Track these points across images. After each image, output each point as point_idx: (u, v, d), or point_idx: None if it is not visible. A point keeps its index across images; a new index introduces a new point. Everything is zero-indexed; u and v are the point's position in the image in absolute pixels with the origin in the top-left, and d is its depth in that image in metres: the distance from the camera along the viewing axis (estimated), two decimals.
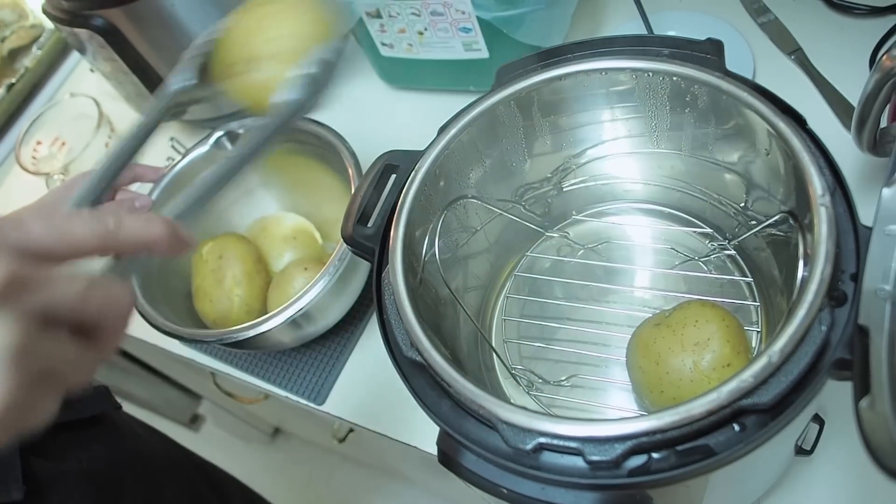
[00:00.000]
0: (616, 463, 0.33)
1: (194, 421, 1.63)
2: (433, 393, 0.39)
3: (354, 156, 0.65)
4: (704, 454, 0.33)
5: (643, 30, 0.69)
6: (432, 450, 0.38)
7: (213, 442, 1.58)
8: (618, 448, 0.33)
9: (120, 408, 0.65)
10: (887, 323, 0.32)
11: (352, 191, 0.62)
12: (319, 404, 0.66)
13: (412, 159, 0.48)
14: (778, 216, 0.45)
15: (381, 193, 0.48)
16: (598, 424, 0.33)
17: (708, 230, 0.56)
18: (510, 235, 0.58)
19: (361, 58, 0.82)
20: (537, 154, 0.54)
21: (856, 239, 0.37)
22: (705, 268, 0.54)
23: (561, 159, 0.55)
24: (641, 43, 0.47)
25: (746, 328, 0.48)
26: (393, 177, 0.49)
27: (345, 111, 0.84)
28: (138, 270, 0.28)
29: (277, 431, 1.55)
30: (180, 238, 0.31)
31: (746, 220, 0.51)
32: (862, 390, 0.31)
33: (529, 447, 0.34)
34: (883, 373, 0.30)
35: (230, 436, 1.57)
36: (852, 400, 0.31)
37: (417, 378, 0.40)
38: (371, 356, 0.67)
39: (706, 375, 0.43)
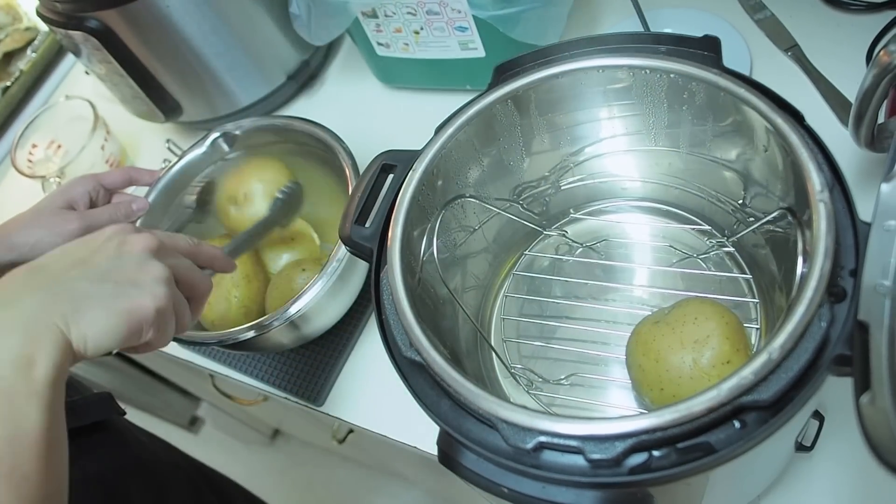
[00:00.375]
0: (617, 461, 0.33)
1: (193, 423, 1.62)
2: (433, 393, 0.39)
3: (351, 156, 0.64)
4: (705, 451, 0.33)
5: (639, 27, 0.68)
6: (432, 450, 0.38)
7: (213, 444, 1.58)
8: (618, 446, 0.33)
9: (124, 414, 0.65)
10: (887, 318, 0.32)
11: (349, 191, 0.62)
12: (319, 405, 0.66)
13: (409, 159, 0.48)
14: (776, 212, 0.45)
15: (379, 194, 0.48)
16: (599, 423, 0.33)
17: (706, 227, 0.56)
18: (508, 234, 0.58)
19: (357, 57, 0.82)
20: (535, 152, 0.54)
21: (855, 235, 0.37)
22: (704, 265, 0.54)
23: (559, 157, 0.55)
24: (638, 40, 0.47)
25: (746, 325, 0.48)
26: (390, 177, 0.49)
27: (341, 111, 0.84)
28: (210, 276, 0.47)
29: (277, 433, 1.55)
30: (228, 261, 0.50)
31: (745, 217, 0.51)
32: (862, 386, 0.31)
33: (530, 446, 0.34)
34: (883, 368, 0.30)
35: (229, 438, 1.57)
36: (853, 396, 0.31)
37: (417, 378, 0.40)
38: (370, 356, 0.67)
39: (706, 373, 0.43)
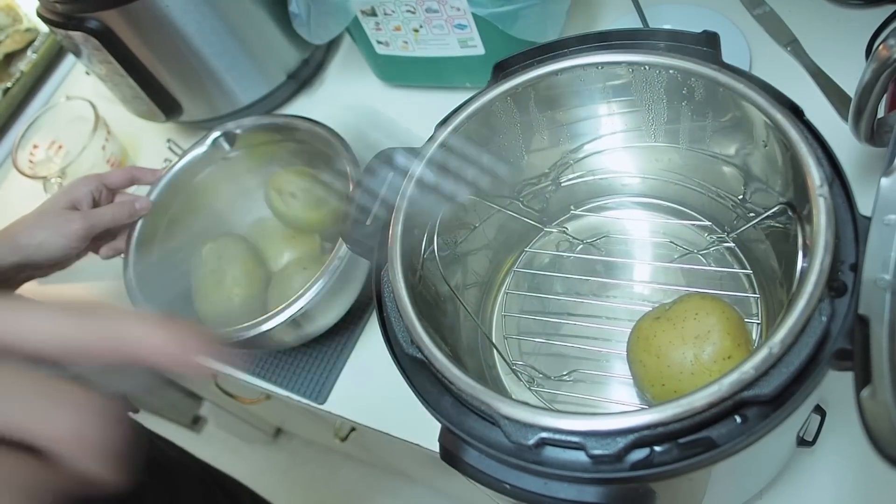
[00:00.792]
0: (618, 457, 0.33)
1: (196, 422, 1.63)
2: (434, 390, 0.39)
3: (352, 154, 0.65)
4: (706, 446, 0.33)
5: (638, 24, 0.68)
6: (434, 447, 0.39)
7: (215, 443, 1.58)
8: (620, 442, 0.33)
9: (138, 411, 0.65)
10: (887, 312, 0.32)
11: (350, 189, 0.62)
12: (321, 403, 0.66)
13: (410, 157, 0.48)
14: (776, 207, 0.45)
15: (380, 192, 0.48)
16: (600, 418, 0.33)
17: (706, 223, 0.56)
18: (509, 231, 0.58)
19: (357, 56, 0.82)
20: (535, 150, 0.54)
21: (855, 229, 0.37)
22: (704, 261, 0.54)
23: (559, 154, 0.55)
24: (637, 37, 0.47)
25: (746, 320, 0.48)
26: (391, 175, 0.49)
27: (342, 110, 0.84)
28: (131, 384, 0.24)
29: (279, 432, 1.55)
30: (191, 354, 0.24)
31: (745, 213, 0.51)
32: (863, 380, 0.31)
33: (531, 442, 0.34)
34: (884, 362, 0.30)
35: (232, 437, 1.57)
36: (853, 390, 0.31)
37: (418, 375, 0.40)
38: (372, 354, 0.67)
39: (707, 368, 0.44)
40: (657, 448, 0.33)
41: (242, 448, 1.57)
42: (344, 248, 0.59)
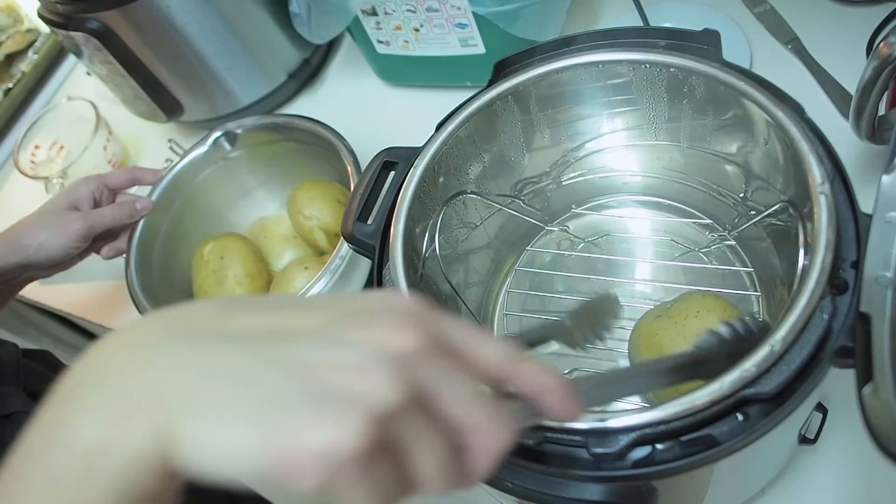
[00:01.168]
0: (620, 455, 0.33)
1: None
2: None
3: (353, 153, 0.65)
4: (708, 444, 0.33)
5: (639, 22, 0.68)
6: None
7: None
8: (622, 440, 0.33)
9: None
10: (889, 310, 0.32)
11: (351, 189, 0.62)
12: None
13: (410, 156, 0.48)
14: (777, 205, 0.45)
15: (381, 191, 0.48)
16: (602, 417, 0.34)
17: (707, 221, 0.56)
18: (510, 230, 0.58)
19: (358, 55, 0.82)
20: (536, 148, 0.54)
21: (856, 227, 0.37)
22: (705, 259, 0.54)
23: (560, 153, 0.55)
24: (638, 35, 0.47)
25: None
26: (392, 174, 0.49)
27: (342, 109, 0.84)
28: (520, 424, 0.26)
29: None
30: (571, 401, 0.26)
31: (746, 211, 0.51)
32: (865, 377, 0.31)
33: (533, 441, 0.34)
34: (885, 360, 0.30)
35: None
36: (855, 387, 0.31)
37: None
38: None
39: None
40: (659, 446, 0.33)
41: None
42: (345, 248, 0.59)
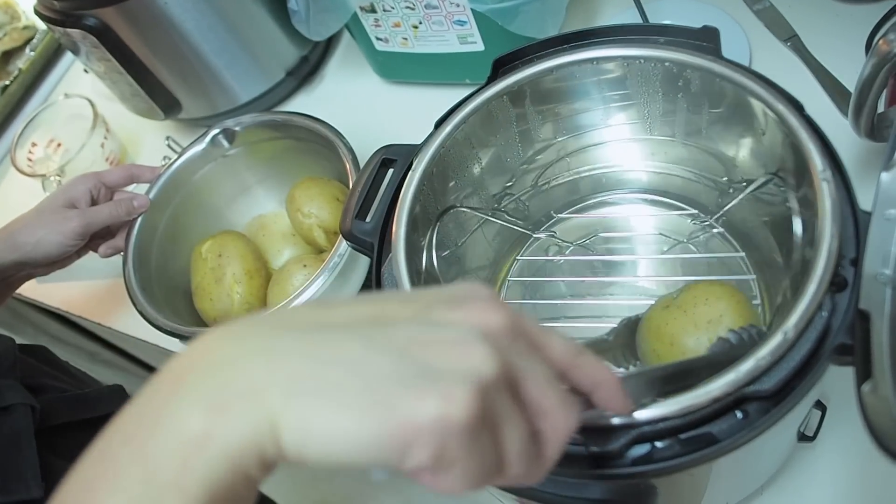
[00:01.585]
0: (619, 453, 0.33)
1: None
2: None
3: (352, 151, 0.64)
4: (707, 442, 0.33)
5: (638, 19, 0.68)
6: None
7: None
8: (621, 438, 0.33)
9: None
10: (888, 307, 0.32)
11: (349, 186, 0.62)
12: None
13: (409, 153, 0.48)
14: (762, 179, 0.45)
15: (379, 188, 0.48)
16: (601, 414, 0.33)
17: (693, 211, 0.55)
18: (504, 237, 0.58)
19: (356, 53, 0.82)
20: (532, 146, 0.54)
21: (855, 224, 0.37)
22: (695, 248, 0.54)
23: (554, 151, 0.55)
24: (637, 32, 0.47)
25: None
26: (390, 171, 0.49)
27: (341, 106, 0.84)
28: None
29: None
30: (622, 394, 0.29)
31: (734, 193, 0.51)
32: (864, 375, 0.31)
33: None
34: (884, 357, 0.30)
35: None
36: (854, 385, 0.31)
37: None
38: None
39: None
40: (658, 444, 0.33)
41: None
42: (344, 245, 0.59)
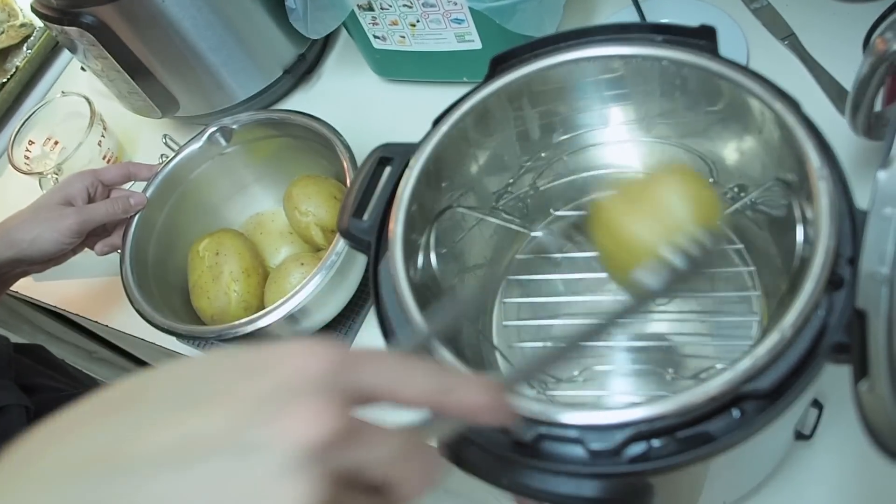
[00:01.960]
0: (616, 451, 0.33)
1: None
2: None
3: (349, 149, 0.64)
4: (704, 441, 0.33)
5: (636, 18, 0.68)
6: (432, 442, 0.38)
7: None
8: (618, 436, 0.33)
9: None
10: (884, 306, 0.32)
11: (347, 184, 0.62)
12: None
13: (406, 152, 0.48)
14: (767, 184, 0.45)
15: (377, 186, 0.48)
16: (598, 412, 0.33)
17: None
18: (501, 235, 0.57)
19: (354, 51, 0.82)
20: (529, 143, 0.54)
21: (852, 222, 0.37)
22: None
23: (552, 150, 0.55)
24: (634, 31, 0.47)
25: (744, 293, 0.49)
26: (388, 169, 0.49)
27: (338, 105, 0.84)
28: (448, 432, 0.27)
29: None
30: (504, 409, 0.27)
31: (736, 194, 0.51)
32: (860, 373, 0.31)
33: (530, 438, 0.34)
34: (881, 356, 0.30)
35: None
36: (851, 383, 0.31)
37: None
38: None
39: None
40: (655, 442, 0.33)
41: None
42: (341, 244, 0.59)
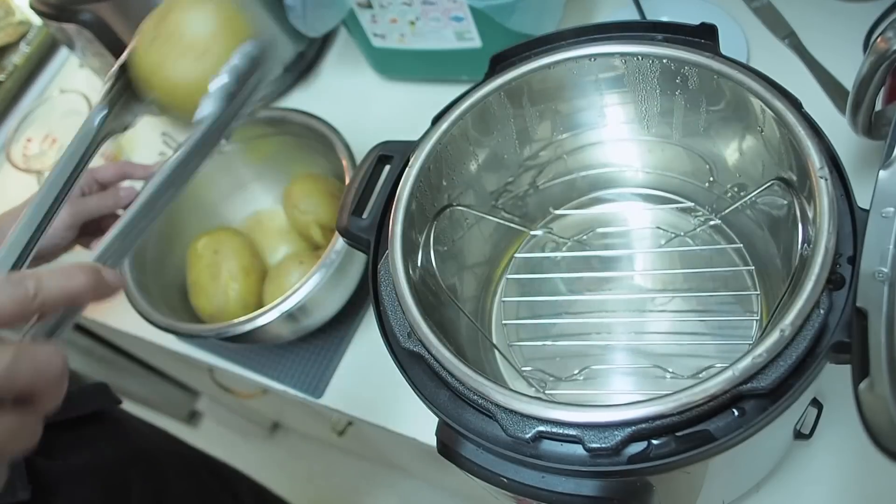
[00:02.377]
0: (616, 450, 0.33)
1: (193, 417, 1.62)
2: (431, 384, 0.39)
3: (348, 147, 0.64)
4: (704, 440, 0.33)
5: (636, 16, 0.68)
6: (431, 441, 0.38)
7: (212, 438, 1.58)
8: (617, 435, 0.33)
9: (120, 402, 0.65)
10: (885, 305, 0.32)
11: (346, 183, 0.62)
12: (317, 398, 0.66)
13: (406, 150, 0.48)
14: (768, 184, 0.45)
15: (376, 185, 0.48)
16: (598, 411, 0.33)
17: (689, 204, 0.55)
18: (501, 234, 0.57)
19: (353, 49, 0.82)
20: (528, 142, 0.54)
21: (853, 222, 0.37)
22: (692, 242, 0.54)
23: (552, 149, 0.55)
24: (635, 29, 0.47)
25: (744, 293, 0.49)
26: (387, 168, 0.49)
27: (338, 103, 0.83)
28: (67, 325, 0.29)
29: (276, 426, 1.55)
30: (105, 283, 0.29)
31: (736, 192, 0.51)
32: (861, 373, 0.31)
33: (529, 436, 0.34)
34: (882, 355, 0.30)
35: (229, 431, 1.57)
36: (851, 383, 0.31)
37: (415, 369, 0.40)
38: (369, 349, 0.67)
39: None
40: (654, 441, 0.33)
41: (239, 443, 1.57)
42: (340, 242, 0.59)
